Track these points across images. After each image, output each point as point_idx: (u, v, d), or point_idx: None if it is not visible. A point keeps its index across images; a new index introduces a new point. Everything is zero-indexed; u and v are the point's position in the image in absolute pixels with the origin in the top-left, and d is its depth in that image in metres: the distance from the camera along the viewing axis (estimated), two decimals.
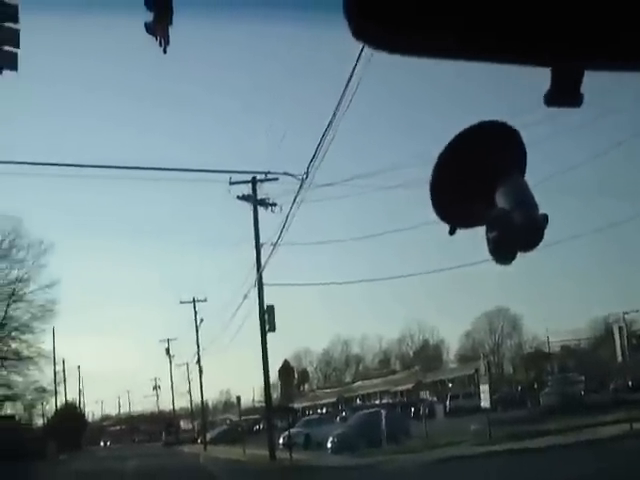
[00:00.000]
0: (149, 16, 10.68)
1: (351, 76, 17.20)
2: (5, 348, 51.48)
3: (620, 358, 26.85)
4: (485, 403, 29.23)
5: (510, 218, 1.74)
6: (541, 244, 1.79)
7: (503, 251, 1.79)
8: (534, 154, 2.01)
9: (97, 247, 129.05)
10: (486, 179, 1.83)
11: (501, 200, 1.79)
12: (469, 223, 1.92)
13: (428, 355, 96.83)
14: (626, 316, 44.29)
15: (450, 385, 77.17)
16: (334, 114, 20.21)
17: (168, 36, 10.84)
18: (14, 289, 50.66)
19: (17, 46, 11.49)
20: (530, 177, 1.90)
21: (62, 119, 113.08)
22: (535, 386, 60.85)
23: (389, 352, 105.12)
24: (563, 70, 1.50)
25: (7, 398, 53.40)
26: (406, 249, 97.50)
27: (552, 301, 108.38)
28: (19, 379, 52.99)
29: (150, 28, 10.76)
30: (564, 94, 1.53)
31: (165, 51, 11.03)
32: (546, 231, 1.79)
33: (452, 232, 1.98)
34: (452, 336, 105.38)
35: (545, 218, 1.76)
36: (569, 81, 1.52)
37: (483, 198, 1.82)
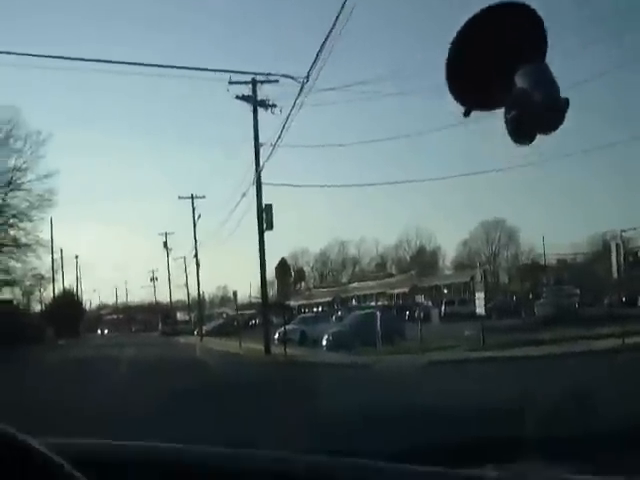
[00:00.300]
0: None
1: None
2: (3, 234, 51.80)
3: (616, 274, 26.87)
4: (480, 310, 29.44)
5: (530, 97, 1.67)
6: (545, 157, 1.67)
7: (522, 131, 1.72)
8: None
9: (97, 142, 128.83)
10: (504, 60, 1.75)
11: (520, 80, 1.71)
12: (486, 104, 1.83)
13: (424, 261, 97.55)
14: (624, 234, 44.28)
15: (445, 291, 78.02)
16: (337, 18, 19.73)
17: None
18: (12, 177, 50.59)
19: None
20: None
21: (63, 10, 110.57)
22: (530, 297, 61.52)
23: (386, 256, 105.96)
24: None
25: (6, 283, 53.98)
26: (406, 156, 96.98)
27: (551, 215, 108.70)
28: (17, 265, 53.54)
29: None
30: None
31: None
32: (553, 144, 1.67)
33: (467, 114, 1.88)
34: (449, 244, 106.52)
35: (566, 101, 1.67)
36: None
37: (501, 79, 1.74)
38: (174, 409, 12.95)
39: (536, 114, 1.69)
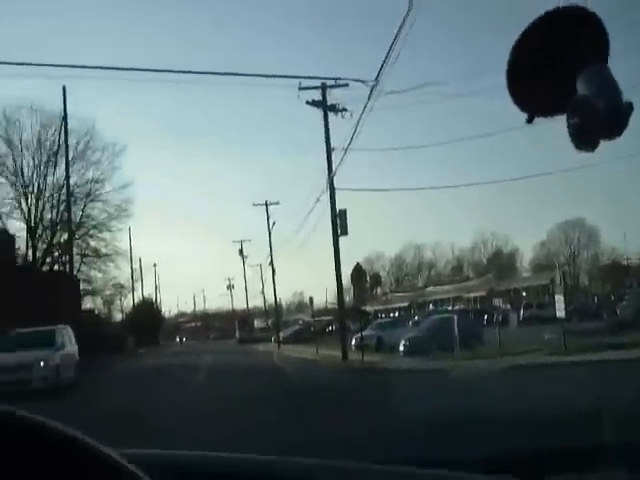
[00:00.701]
0: None
1: None
2: (84, 245, 53.17)
3: None
4: (560, 313, 28.82)
5: (593, 104, 1.65)
6: (621, 154, 1.64)
7: (585, 138, 1.70)
8: None
9: (172, 150, 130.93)
10: (566, 65, 1.74)
11: (582, 87, 1.70)
12: (548, 111, 1.81)
13: (501, 263, 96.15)
14: None
15: (524, 294, 76.69)
16: (404, 20, 19.71)
17: None
18: (90, 189, 51.93)
19: None
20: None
21: (132, 23, 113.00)
22: (612, 299, 59.99)
23: (462, 259, 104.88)
24: None
25: (87, 293, 55.31)
26: (480, 157, 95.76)
27: (633, 214, 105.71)
28: (98, 275, 54.90)
29: None
30: None
31: None
32: (631, 141, 1.63)
33: (530, 120, 1.87)
34: (526, 245, 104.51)
35: (630, 105, 1.66)
36: None
37: (563, 85, 1.72)
38: (253, 417, 13.07)
39: (598, 122, 1.67)
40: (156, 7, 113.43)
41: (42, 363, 22.03)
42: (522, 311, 56.92)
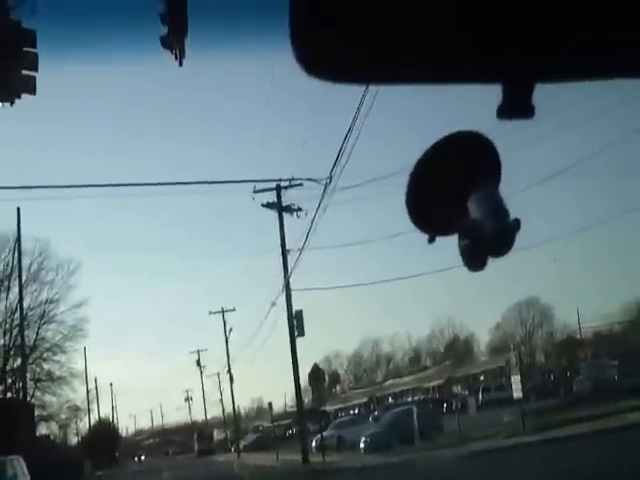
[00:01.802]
0: (164, 30, 10.70)
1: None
2: (38, 369, 51.78)
3: None
4: (517, 394, 28.77)
5: (481, 227, 1.75)
6: (574, 230, 1.66)
7: (474, 258, 1.81)
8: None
9: (123, 264, 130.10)
10: (460, 189, 1.84)
11: (473, 209, 1.80)
12: (445, 232, 1.91)
13: (459, 350, 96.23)
14: None
15: (482, 378, 76.54)
16: (355, 116, 20.15)
17: (184, 49, 10.80)
18: (44, 310, 50.93)
19: (35, 70, 11.34)
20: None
21: (80, 139, 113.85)
22: (568, 374, 60.22)
23: (419, 349, 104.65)
24: (513, 84, 1.52)
25: (42, 419, 53.63)
26: (432, 246, 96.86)
27: (583, 288, 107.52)
28: (53, 399, 53.40)
29: (166, 42, 10.76)
30: (516, 107, 1.55)
31: (181, 64, 10.99)
32: (577, 217, 1.64)
33: (431, 240, 1.97)
34: (482, 329, 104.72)
35: (517, 223, 1.76)
36: (520, 94, 1.53)
37: (457, 207, 1.83)
38: None
39: (485, 244, 1.76)
40: (100, 117, 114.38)
41: None
42: (481, 395, 56.70)
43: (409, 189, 1.93)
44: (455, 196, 1.85)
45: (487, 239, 1.76)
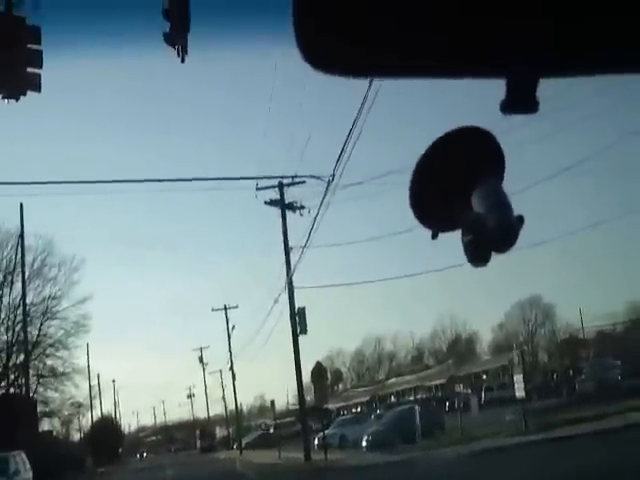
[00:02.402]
0: (167, 26, 10.71)
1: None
2: (41, 365, 51.77)
3: None
4: (520, 393, 28.77)
5: (484, 222, 1.75)
6: (576, 228, 1.67)
7: (477, 254, 1.81)
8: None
9: (127, 260, 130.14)
10: (463, 184, 1.84)
11: (476, 204, 1.80)
12: (449, 227, 1.92)
13: (461, 348, 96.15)
14: None
15: (484, 377, 76.49)
16: (358, 113, 20.07)
17: (186, 45, 10.81)
18: (47, 306, 50.94)
19: (40, 67, 11.34)
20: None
21: (83, 135, 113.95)
22: (571, 373, 60.12)
23: (422, 348, 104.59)
24: (517, 79, 1.52)
25: (44, 415, 53.63)
26: (435, 244, 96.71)
27: (586, 287, 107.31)
28: (55, 395, 53.37)
29: (168, 38, 10.78)
30: (519, 102, 1.55)
31: (183, 60, 10.99)
32: (578, 216, 1.64)
33: (435, 236, 1.98)
34: (485, 328, 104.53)
35: (520, 219, 1.76)
36: (524, 89, 1.53)
37: (460, 203, 1.83)
38: None
39: (488, 239, 1.75)
40: (106, 117, 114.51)
41: None
42: (483, 394, 56.64)
43: (412, 184, 1.94)
44: (459, 191, 1.86)
45: (491, 233, 1.76)
